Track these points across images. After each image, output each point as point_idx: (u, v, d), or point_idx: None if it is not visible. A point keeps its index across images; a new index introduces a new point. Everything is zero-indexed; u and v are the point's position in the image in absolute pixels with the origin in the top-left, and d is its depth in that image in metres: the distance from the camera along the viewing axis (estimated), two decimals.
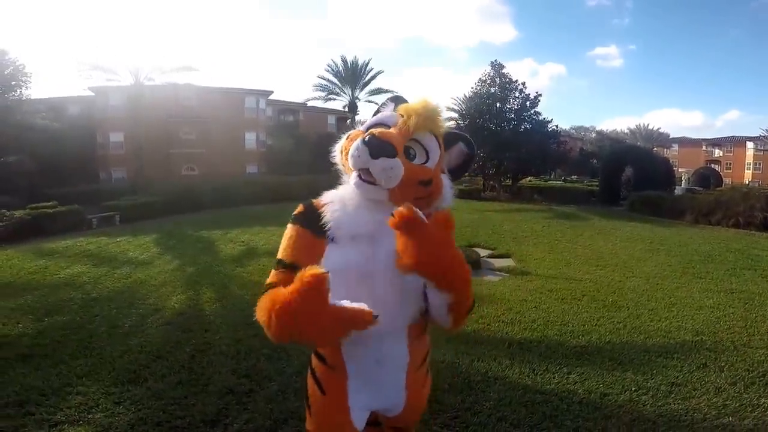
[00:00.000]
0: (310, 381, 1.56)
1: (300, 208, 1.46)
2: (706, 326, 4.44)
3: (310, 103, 31.85)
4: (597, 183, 22.55)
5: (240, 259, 7.07)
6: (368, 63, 29.06)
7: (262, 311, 1.16)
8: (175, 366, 3.34)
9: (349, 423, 1.49)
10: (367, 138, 1.23)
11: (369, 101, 30.60)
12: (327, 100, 30.12)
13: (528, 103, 21.77)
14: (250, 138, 28.51)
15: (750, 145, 46.71)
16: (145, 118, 21.54)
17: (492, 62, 22.31)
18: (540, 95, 21.90)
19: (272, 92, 30.77)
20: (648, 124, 53.36)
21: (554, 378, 3.24)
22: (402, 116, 1.34)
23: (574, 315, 4.67)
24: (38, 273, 6.39)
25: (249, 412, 2.69)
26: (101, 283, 5.73)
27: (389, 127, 1.35)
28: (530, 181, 24.08)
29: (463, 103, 23.52)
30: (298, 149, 28.36)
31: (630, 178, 19.70)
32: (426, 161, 1.36)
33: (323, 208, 1.39)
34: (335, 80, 29.31)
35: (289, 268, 1.29)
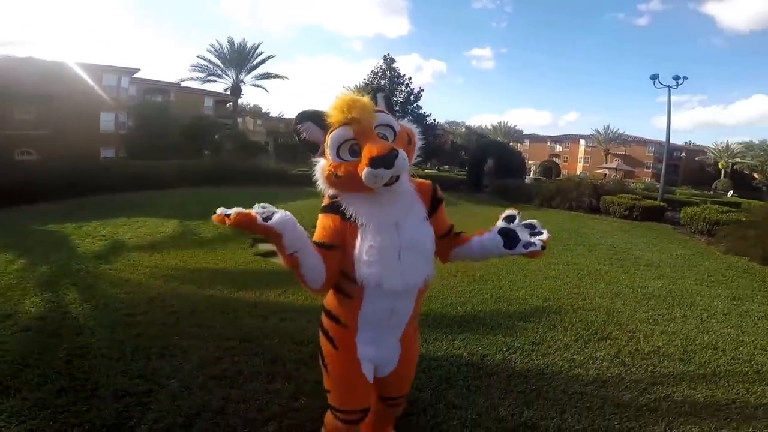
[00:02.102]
0: (323, 341, 1.86)
1: (326, 200, 1.70)
2: (551, 293, 5.39)
3: (186, 84, 29.16)
4: (465, 173, 24.86)
5: (104, 255, 6.28)
6: (258, 46, 28.06)
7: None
8: (50, 373, 2.97)
9: (361, 375, 1.79)
10: (373, 163, 1.44)
11: (256, 85, 29.62)
12: (206, 81, 28.32)
13: (412, 97, 23.06)
14: (108, 119, 25.42)
15: (582, 142, 56.27)
16: None
17: (385, 56, 23.45)
18: (422, 90, 23.60)
19: (138, 70, 27.70)
20: (507, 122, 61.13)
21: (443, 345, 3.68)
22: (349, 123, 1.53)
23: (451, 289, 5.24)
24: None
25: (154, 411, 2.57)
26: None
27: (353, 139, 1.54)
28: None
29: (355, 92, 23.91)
30: (167, 132, 25.69)
31: (491, 169, 22.28)
32: (394, 132, 1.64)
33: (344, 204, 1.63)
34: (218, 61, 27.61)
35: (327, 247, 1.60)
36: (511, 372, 3.31)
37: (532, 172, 35.63)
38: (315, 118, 1.64)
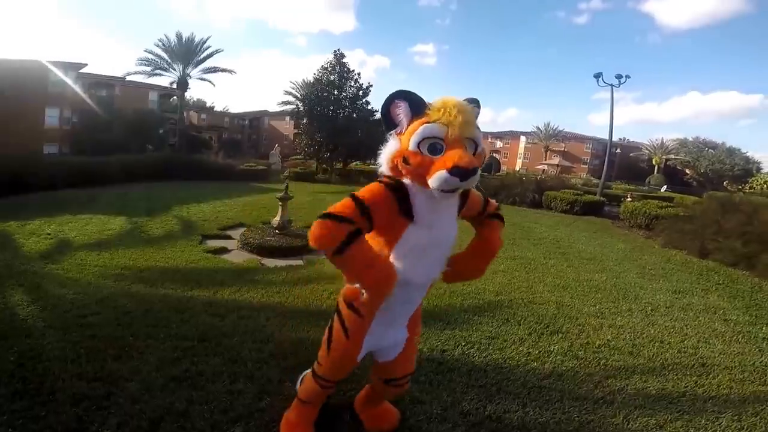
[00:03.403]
0: (337, 327, 1.99)
1: (393, 181, 1.72)
2: (502, 287, 5.55)
3: (132, 78, 27.81)
4: None
5: (50, 254, 5.92)
6: (206, 40, 27.27)
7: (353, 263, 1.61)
8: (2, 376, 2.81)
9: (356, 359, 2.01)
10: (454, 170, 1.51)
11: (202, 79, 28.77)
12: (152, 75, 27.05)
13: (361, 92, 23.03)
14: (53, 114, 24.00)
15: (523, 138, 57.71)
16: None
17: (335, 51, 22.99)
18: (371, 86, 23.52)
19: (85, 65, 26.44)
20: None
21: None
22: (446, 126, 1.58)
23: None
24: None
25: (115, 415, 2.47)
26: None
27: (441, 139, 1.59)
28: (356, 165, 25.64)
29: (302, 88, 23.57)
30: (112, 127, 24.77)
31: None
32: (476, 148, 1.69)
33: (371, 210, 1.66)
34: (165, 55, 26.60)
35: (365, 215, 1.62)
36: (471, 366, 3.40)
37: None
38: (412, 101, 1.66)
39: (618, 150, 56.37)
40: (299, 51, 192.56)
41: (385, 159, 1.73)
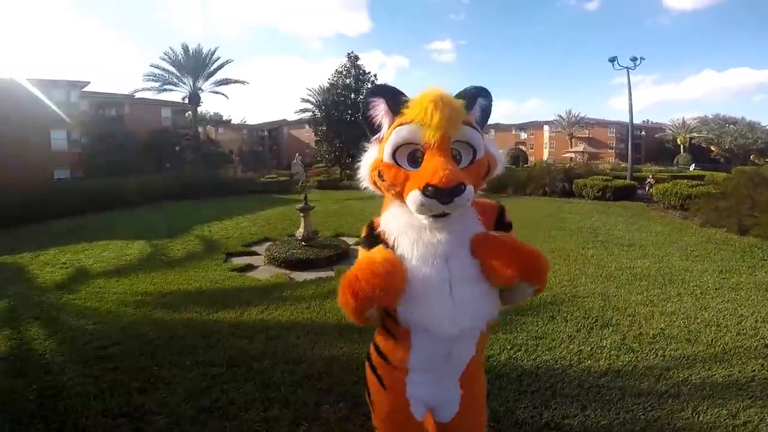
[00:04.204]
0: (370, 377, 1.62)
1: (365, 231, 1.47)
2: None
3: (140, 95, 27.25)
4: None
5: (67, 284, 5.83)
6: (214, 51, 26.99)
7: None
8: (22, 417, 2.69)
9: (410, 415, 1.56)
10: (428, 191, 1.18)
11: (215, 92, 28.43)
12: (161, 91, 26.64)
13: None
14: (59, 137, 23.40)
15: (546, 128, 57.26)
16: None
17: (349, 54, 22.89)
18: None
19: (88, 83, 25.78)
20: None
21: None
22: (422, 125, 1.25)
23: None
24: None
25: None
26: None
27: (418, 144, 1.27)
28: None
29: (318, 94, 23.38)
30: (124, 148, 24.50)
31: None
32: (473, 154, 1.34)
33: (385, 233, 1.40)
34: (173, 69, 26.20)
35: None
36: (521, 371, 3.15)
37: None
38: (390, 97, 1.35)
39: (643, 132, 55.93)
40: (316, 56, 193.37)
41: (364, 175, 1.43)
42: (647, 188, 14.88)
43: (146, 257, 7.36)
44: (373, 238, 1.41)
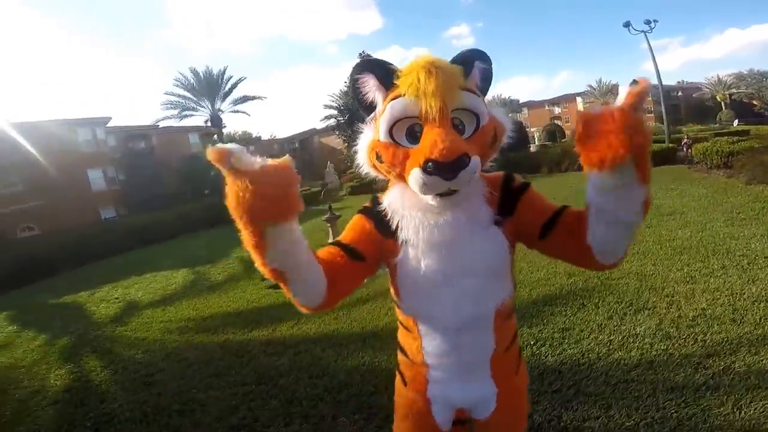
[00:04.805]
0: (396, 374, 1.52)
1: (368, 203, 1.35)
2: (574, 267, 4.79)
3: (162, 124, 27.61)
4: None
5: (120, 317, 6.29)
6: (225, 71, 27.24)
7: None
8: None
9: (429, 415, 1.42)
10: (428, 167, 1.06)
11: (236, 111, 28.64)
12: (182, 117, 27.17)
13: None
14: (96, 176, 23.54)
15: (579, 99, 55.53)
16: None
17: (360, 54, 22.84)
18: None
19: (110, 118, 25.60)
20: (501, 94, 60.84)
21: None
22: (416, 96, 1.13)
23: None
24: None
25: None
26: None
27: (416, 118, 1.15)
28: None
29: (339, 98, 23.53)
30: (160, 180, 24.85)
31: None
32: (477, 122, 1.22)
33: (388, 213, 1.27)
34: (188, 94, 26.60)
35: (347, 250, 1.26)
36: (543, 368, 2.99)
37: (536, 139, 34.99)
38: (379, 70, 1.23)
39: (680, 93, 53.39)
40: (333, 60, 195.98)
41: (362, 159, 1.31)
42: (685, 149, 14.05)
43: (189, 284, 7.76)
44: (376, 213, 1.30)
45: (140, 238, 14.83)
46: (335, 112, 23.71)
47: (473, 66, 1.25)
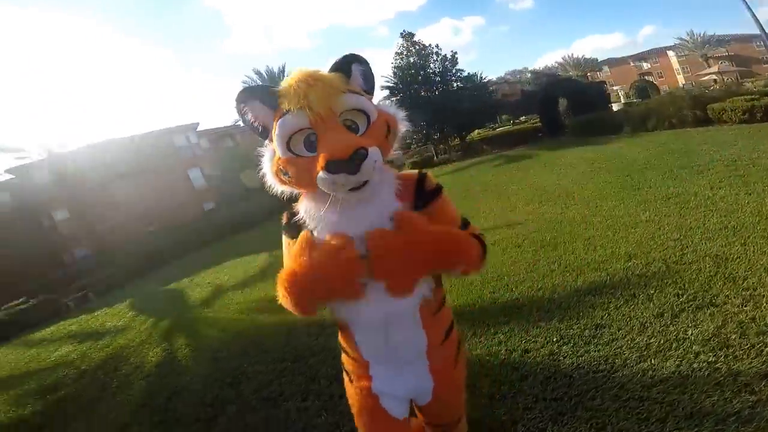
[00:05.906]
0: (344, 375, 1.63)
1: (284, 218, 1.47)
2: (639, 247, 4.11)
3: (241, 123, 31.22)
4: (539, 119, 22.80)
5: (208, 300, 7.25)
6: (284, 68, 29.09)
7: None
8: (155, 411, 3.68)
9: (380, 409, 1.51)
10: (330, 166, 1.17)
11: None
12: None
13: (448, 63, 22.24)
14: (196, 175, 27.20)
15: (671, 53, 49.19)
16: (80, 188, 21.12)
17: (402, 33, 22.62)
18: (456, 53, 22.62)
19: (198, 124, 29.48)
20: (574, 54, 57.16)
21: (480, 342, 3.15)
22: (303, 109, 1.25)
23: (511, 265, 4.52)
24: (32, 361, 6.92)
25: None
26: (88, 356, 6.04)
27: (308, 128, 1.27)
28: (478, 133, 24.19)
29: (393, 77, 23.60)
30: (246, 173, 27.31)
31: (566, 108, 20.19)
32: (368, 118, 1.32)
33: (301, 218, 1.40)
34: None
35: None
36: (554, 371, 2.59)
37: (621, 97, 31.71)
38: (262, 95, 1.36)
39: None
40: (385, 42, 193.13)
41: (269, 177, 1.41)
42: None
43: (266, 267, 8.52)
44: (294, 226, 1.40)
45: (233, 227, 17.02)
46: (389, 92, 23.70)
47: (351, 69, 1.35)
